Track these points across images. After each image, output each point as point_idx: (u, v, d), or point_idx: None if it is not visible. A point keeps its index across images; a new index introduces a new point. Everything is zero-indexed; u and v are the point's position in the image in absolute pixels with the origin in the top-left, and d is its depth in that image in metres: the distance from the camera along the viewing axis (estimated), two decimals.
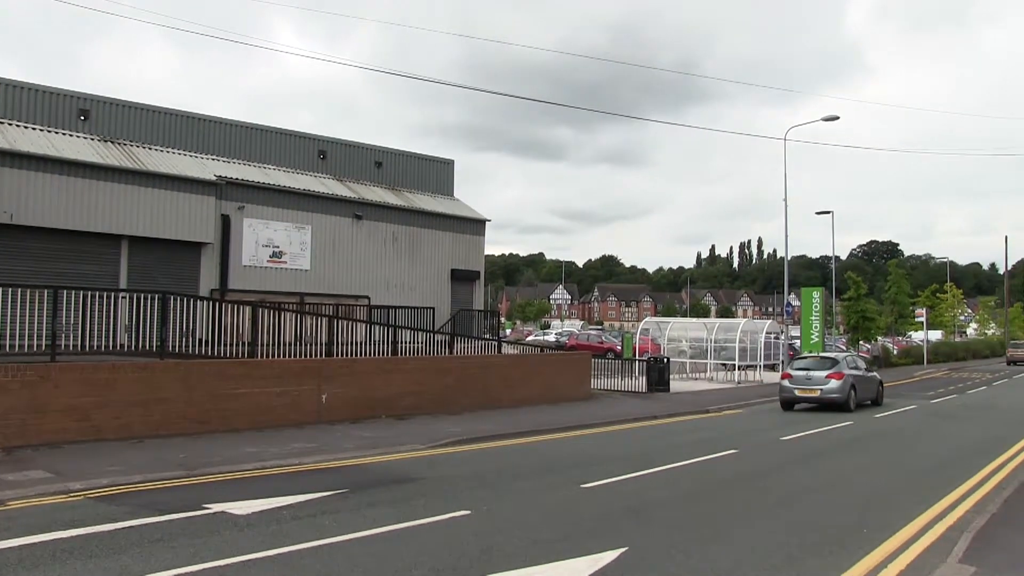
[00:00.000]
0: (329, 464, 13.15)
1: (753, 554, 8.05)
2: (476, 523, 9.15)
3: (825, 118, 35.99)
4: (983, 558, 7.68)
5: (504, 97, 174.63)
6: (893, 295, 61.14)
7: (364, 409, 18.51)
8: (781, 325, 40.69)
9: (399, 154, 31.95)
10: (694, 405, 24.53)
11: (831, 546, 8.42)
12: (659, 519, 9.56)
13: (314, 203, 26.64)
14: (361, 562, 7.49)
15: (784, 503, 10.83)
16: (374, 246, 28.34)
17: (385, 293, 28.04)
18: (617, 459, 14.21)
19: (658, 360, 29.47)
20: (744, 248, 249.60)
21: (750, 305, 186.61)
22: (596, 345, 48.30)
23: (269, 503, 9.82)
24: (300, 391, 17.45)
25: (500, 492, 11.10)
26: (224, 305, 19.11)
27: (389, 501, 10.26)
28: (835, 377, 24.30)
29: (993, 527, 9.00)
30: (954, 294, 77.93)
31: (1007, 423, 21.53)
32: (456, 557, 7.69)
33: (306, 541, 8.10)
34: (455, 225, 31.40)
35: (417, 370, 20.40)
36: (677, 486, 11.89)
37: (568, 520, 9.41)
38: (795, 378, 24.88)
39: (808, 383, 24.48)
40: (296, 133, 28.58)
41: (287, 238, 25.72)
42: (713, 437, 17.68)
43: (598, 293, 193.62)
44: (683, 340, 40.54)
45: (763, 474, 13.27)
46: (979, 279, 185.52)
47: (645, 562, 7.63)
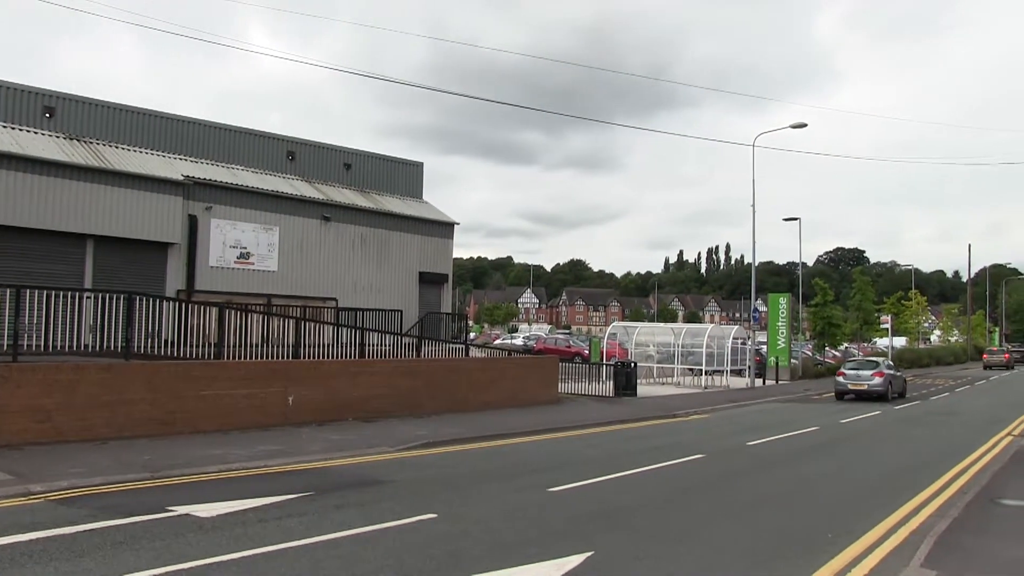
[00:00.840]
0: (295, 466, 13.08)
1: (719, 558, 8.11)
2: (443, 526, 9.15)
3: (793, 125, 36.36)
4: (944, 562, 7.80)
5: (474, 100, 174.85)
6: (858, 302, 61.87)
7: (331, 411, 18.42)
8: (748, 331, 40.94)
9: (368, 156, 31.86)
10: (661, 409, 24.65)
11: (796, 550, 8.50)
12: (626, 523, 9.61)
13: (282, 204, 26.50)
14: (327, 565, 7.47)
15: (750, 507, 10.92)
16: (342, 248, 28.23)
17: (353, 295, 27.94)
18: (584, 463, 14.26)
19: (625, 364, 29.59)
20: (712, 253, 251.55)
21: (717, 310, 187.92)
22: (564, 349, 48.37)
23: (234, 505, 9.75)
24: (267, 393, 17.34)
25: (467, 495, 11.09)
26: (191, 306, 18.97)
27: (356, 504, 10.23)
28: (878, 375, 31.41)
29: (954, 532, 9.14)
30: (918, 301, 78.93)
31: (969, 429, 21.85)
32: (423, 560, 7.69)
33: (272, 544, 8.06)
34: (423, 228, 31.36)
35: (384, 373, 20.33)
36: (644, 490, 11.95)
37: (535, 524, 9.43)
38: (848, 376, 31.81)
39: (858, 379, 31.36)
40: (265, 134, 28.43)
41: (255, 239, 25.56)
42: (680, 442, 17.78)
43: (566, 297, 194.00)
44: (650, 345, 40.72)
45: (729, 479, 13.37)
46: (943, 286, 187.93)
47: (611, 566, 7.67)
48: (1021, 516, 10.33)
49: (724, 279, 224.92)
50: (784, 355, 42.87)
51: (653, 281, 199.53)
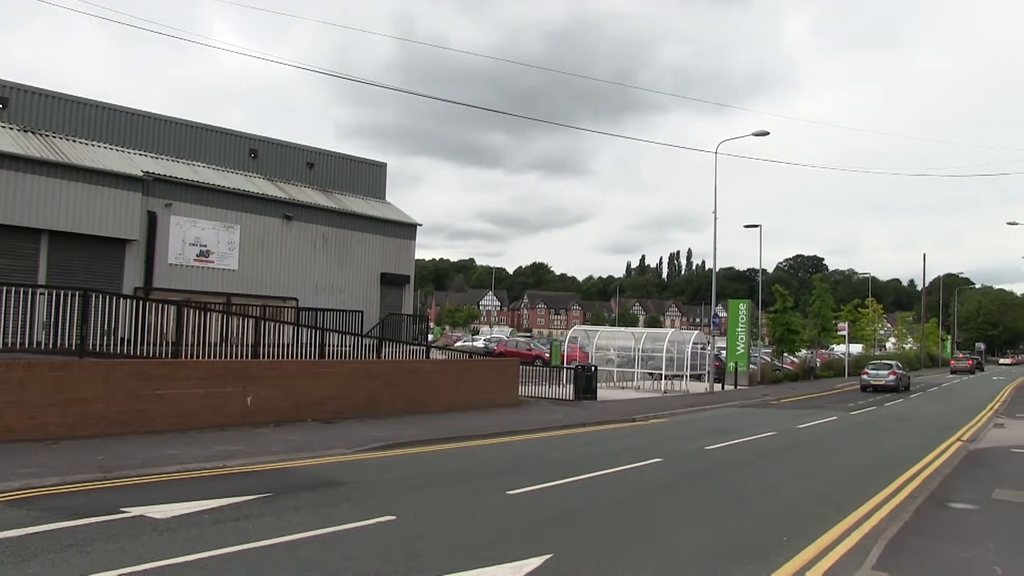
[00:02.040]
0: (253, 467, 12.96)
1: (676, 561, 8.17)
2: (401, 528, 9.12)
3: (756, 133, 36.69)
4: (895, 564, 7.95)
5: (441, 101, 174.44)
6: (817, 308, 62.60)
7: (290, 412, 18.29)
8: (708, 336, 41.29)
9: (331, 155, 31.68)
10: (621, 413, 24.75)
11: (752, 554, 8.59)
12: (584, 526, 9.64)
13: (244, 202, 26.25)
14: (285, 567, 7.41)
15: (708, 511, 11.01)
16: (304, 247, 28.03)
17: (314, 295, 27.76)
18: (543, 466, 14.28)
19: (586, 368, 29.68)
20: (673, 259, 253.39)
21: (678, 315, 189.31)
22: (524, 352, 48.41)
23: (190, 506, 9.64)
24: (225, 393, 17.16)
25: (426, 498, 11.07)
26: (148, 304, 18.72)
27: (314, 505, 10.16)
28: (892, 374, 43.51)
29: (905, 534, 9.33)
30: (875, 309, 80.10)
31: (921, 435, 22.19)
32: (381, 562, 7.65)
33: (228, 546, 7.98)
34: (386, 228, 31.23)
35: (344, 374, 20.22)
36: (603, 493, 12.00)
37: (494, 526, 9.43)
38: (870, 374, 43.93)
39: (878, 376, 43.39)
40: (227, 131, 28.15)
41: (215, 237, 25.29)
42: (639, 446, 17.87)
43: (528, 300, 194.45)
44: (611, 349, 40.89)
45: (687, 482, 13.47)
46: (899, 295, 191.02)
47: (570, 568, 7.69)
48: (968, 519, 10.54)
49: (685, 284, 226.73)
50: (743, 360, 43.27)
51: (615, 285, 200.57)
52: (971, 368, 78.58)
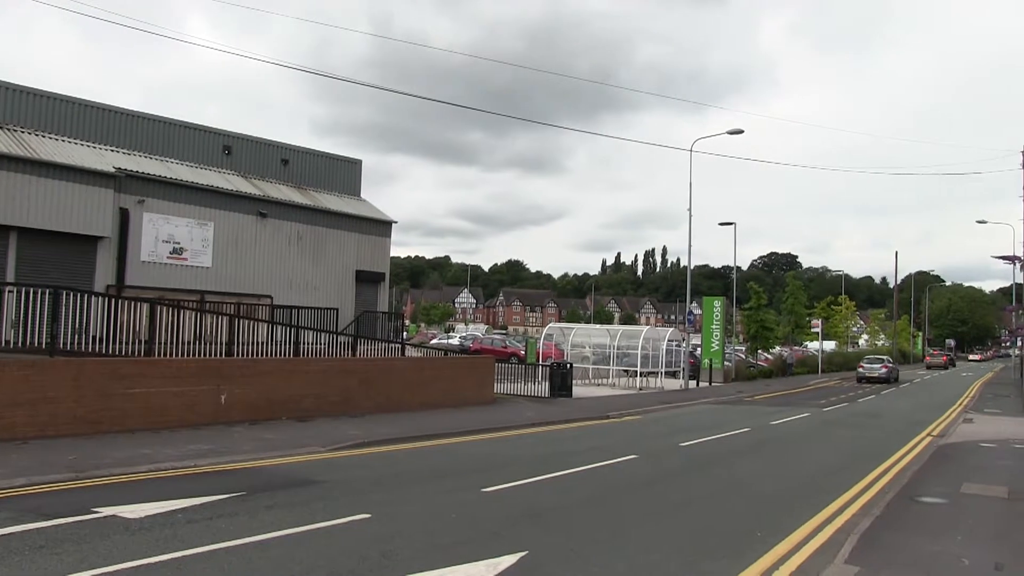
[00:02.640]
0: (227, 466, 12.89)
1: (651, 557, 8.21)
2: (376, 527, 9.10)
3: (731, 131, 36.83)
4: (866, 558, 8.04)
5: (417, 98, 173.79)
6: (790, 306, 63.13)
7: (264, 410, 18.20)
8: (683, 333, 41.44)
9: (306, 152, 31.53)
10: (596, 411, 24.82)
11: (726, 549, 8.65)
12: (559, 523, 9.66)
13: (218, 199, 26.06)
14: (258, 566, 7.38)
15: (682, 507, 11.07)
16: (278, 245, 27.88)
17: (288, 293, 27.62)
18: (518, 463, 14.30)
19: (561, 365, 29.74)
20: (648, 256, 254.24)
21: (653, 313, 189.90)
22: (500, 350, 48.46)
23: (163, 506, 9.57)
24: (198, 391, 17.05)
25: (401, 496, 11.05)
26: (120, 302, 18.55)
27: (288, 504, 10.12)
28: (884, 367, 50.49)
29: (876, 529, 9.45)
30: (848, 306, 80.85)
31: (892, 430, 22.42)
32: (356, 561, 7.64)
33: (201, 545, 7.94)
34: (361, 226, 31.11)
35: (319, 371, 20.15)
36: (578, 491, 12.03)
37: (469, 524, 9.44)
38: (865, 367, 50.83)
39: (871, 369, 50.20)
40: (201, 127, 27.92)
41: (188, 234, 25.10)
42: (614, 443, 17.93)
43: (503, 297, 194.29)
44: (586, 346, 41.01)
45: (662, 479, 13.54)
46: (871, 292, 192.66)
47: (544, 566, 7.71)
48: (938, 513, 10.69)
49: (660, 282, 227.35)
50: (718, 357, 43.50)
51: (590, 283, 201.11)
52: (945, 364, 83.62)
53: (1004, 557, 8.36)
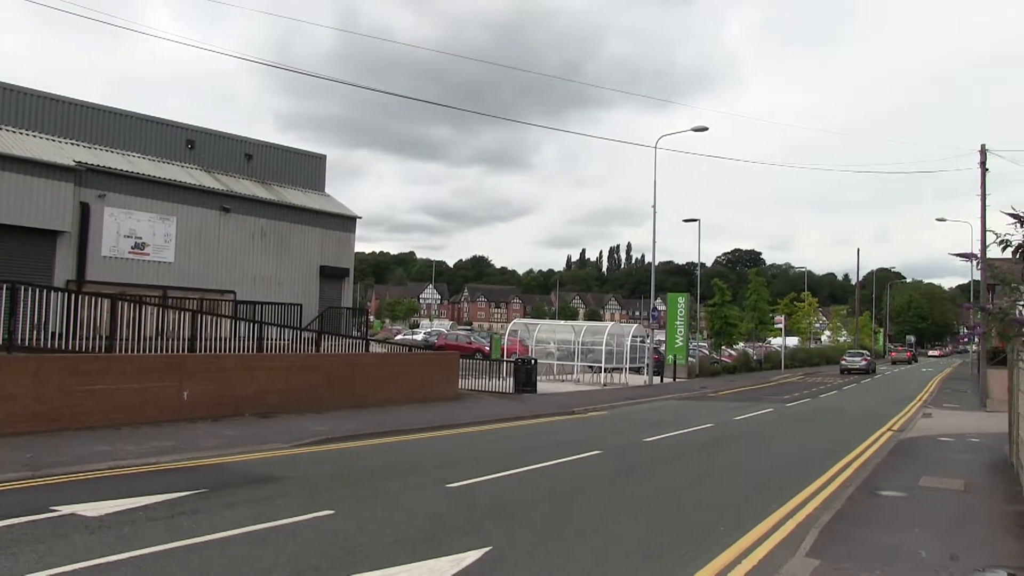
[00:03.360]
0: (189, 463, 12.79)
1: (614, 552, 8.26)
2: (339, 523, 9.07)
3: (695, 128, 36.97)
4: (827, 551, 8.16)
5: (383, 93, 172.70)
6: (754, 302, 63.72)
7: (228, 407, 18.06)
8: (647, 329, 41.65)
9: (270, 147, 31.29)
10: (560, 406, 24.90)
11: (689, 544, 8.72)
12: (523, 519, 9.69)
13: (180, 194, 25.78)
14: (219, 564, 7.33)
15: (646, 502, 11.14)
16: (242, 240, 27.65)
17: (252, 288, 27.41)
18: (482, 459, 14.32)
19: (526, 361, 29.79)
20: (613, 252, 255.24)
21: (618, 309, 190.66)
22: (465, 345, 48.45)
23: (123, 504, 9.47)
24: (160, 387, 16.89)
25: (364, 492, 11.03)
26: (81, 297, 18.32)
27: (250, 501, 10.06)
28: (864, 360, 58.35)
29: (837, 522, 9.60)
30: (810, 303, 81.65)
31: (853, 426, 22.71)
32: (318, 558, 7.61)
33: (162, 543, 7.86)
34: (325, 221, 30.94)
35: (283, 368, 20.03)
36: (542, 486, 12.07)
37: (433, 520, 9.43)
38: (847, 360, 58.56)
39: (853, 362, 58.03)
40: (163, 121, 27.60)
41: (151, 229, 24.81)
42: (578, 438, 17.99)
43: (468, 293, 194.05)
44: (551, 342, 41.08)
45: (626, 474, 13.61)
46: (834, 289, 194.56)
47: (508, 561, 7.73)
48: (897, 506, 10.86)
49: (625, 278, 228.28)
50: (682, 353, 43.80)
51: (555, 279, 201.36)
52: (909, 359, 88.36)
53: (959, 548, 8.52)
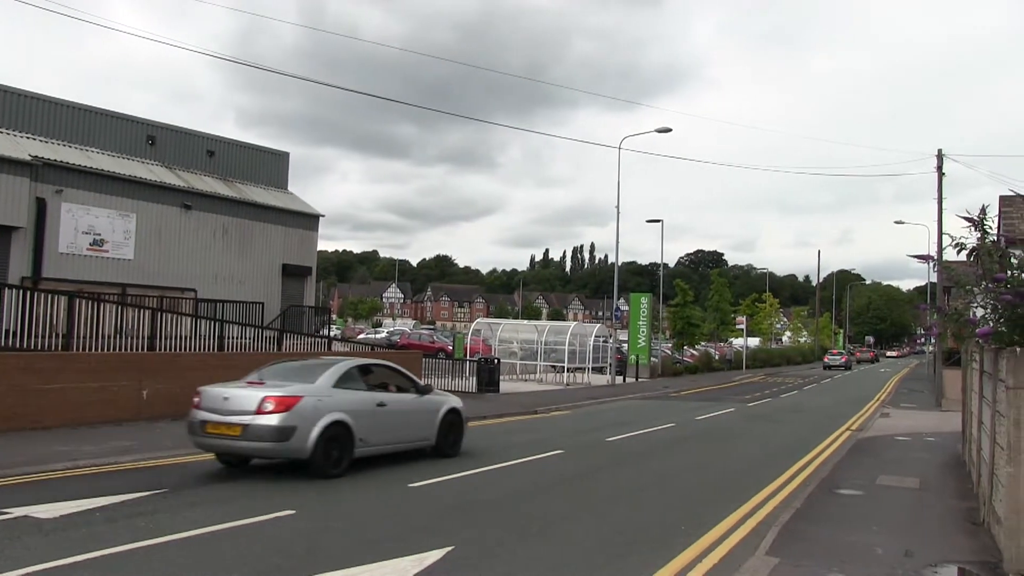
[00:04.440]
0: (149, 463, 12.65)
1: (576, 551, 8.29)
2: (301, 522, 9.02)
3: (659, 129, 37.16)
4: (787, 549, 8.24)
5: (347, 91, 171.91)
6: (716, 302, 64.24)
7: (188, 406, 17.71)
8: (610, 329, 41.89)
9: (232, 144, 31.03)
10: (523, 406, 24.93)
11: (651, 543, 8.77)
12: (486, 518, 9.70)
13: (140, 190, 25.48)
14: (180, 564, 7.25)
15: (608, 502, 11.18)
16: (203, 237, 27.39)
17: (213, 286, 27.16)
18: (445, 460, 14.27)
19: (489, 361, 29.79)
20: (577, 253, 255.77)
21: (581, 309, 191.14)
22: (427, 345, 48.32)
23: (80, 505, 9.33)
24: (119, 386, 16.68)
25: (326, 491, 10.96)
26: (36, 294, 18.02)
27: (211, 501, 9.97)
28: (844, 358, 70.32)
29: (797, 521, 9.70)
30: (771, 303, 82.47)
31: (813, 425, 22.97)
32: (280, 558, 7.56)
33: (120, 544, 7.74)
34: (288, 219, 30.75)
35: (244, 366, 19.76)
36: (504, 485, 12.08)
37: (395, 519, 9.42)
38: (830, 358, 69.12)
39: (835, 360, 68.49)
40: (123, 116, 27.26)
41: (110, 226, 24.50)
42: (541, 438, 18.03)
43: (431, 293, 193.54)
44: (514, 341, 41.13)
45: (588, 474, 13.66)
46: (795, 290, 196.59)
47: (471, 561, 7.73)
48: (856, 504, 11.02)
49: (588, 278, 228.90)
50: (644, 353, 44.04)
51: (518, 279, 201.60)
52: (872, 359, 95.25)
53: (913, 544, 8.67)
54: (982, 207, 9.33)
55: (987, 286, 8.96)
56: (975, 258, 9.26)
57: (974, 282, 9.49)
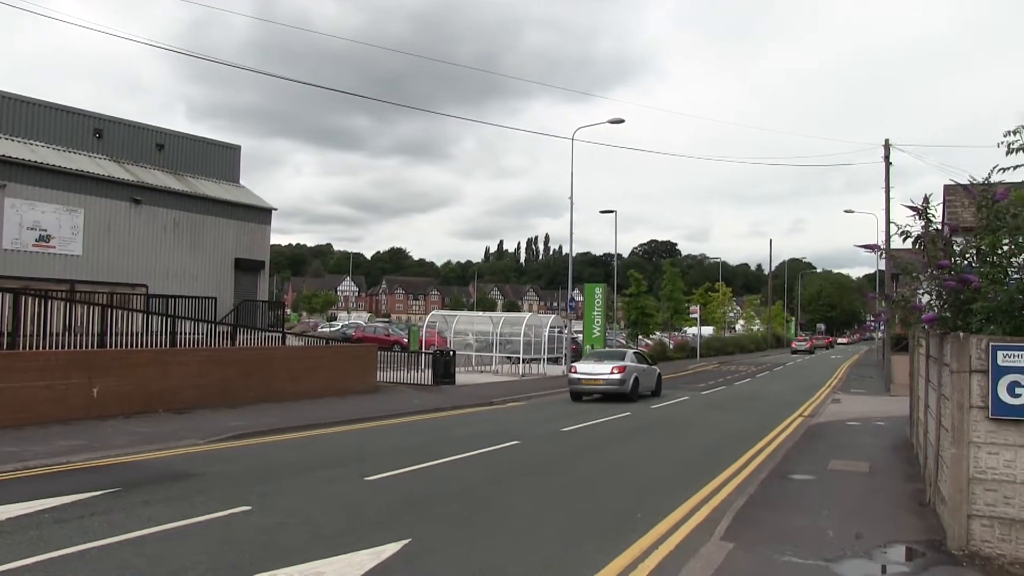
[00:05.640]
0: (100, 462, 12.47)
1: (534, 542, 8.33)
2: (257, 519, 8.97)
3: (611, 120, 37.28)
4: (741, 535, 8.38)
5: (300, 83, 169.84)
6: (669, 292, 64.71)
7: (140, 403, 17.65)
8: (565, 320, 41.98)
9: (183, 137, 30.62)
10: (478, 398, 24.97)
11: (607, 531, 8.84)
12: (442, 510, 9.71)
13: (88, 185, 25.06)
14: (133, 564, 7.17)
15: (564, 491, 11.25)
16: (153, 232, 27.01)
17: (164, 282, 26.81)
18: (401, 451, 14.28)
19: (444, 353, 29.78)
20: (531, 244, 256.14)
21: (536, 300, 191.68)
22: (383, 338, 48.14)
23: (29, 506, 9.16)
24: (68, 384, 16.40)
25: (282, 487, 10.91)
26: None
27: (165, 499, 9.86)
28: (808, 344, 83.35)
29: (751, 507, 9.87)
30: (725, 292, 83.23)
31: (766, 412, 23.29)
32: (236, 554, 7.51)
33: (71, 545, 7.62)
34: (240, 213, 30.43)
35: (197, 362, 19.65)
36: (461, 478, 12.10)
37: (351, 513, 9.39)
38: (797, 344, 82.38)
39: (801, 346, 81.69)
40: (69, 109, 26.77)
41: (56, 221, 24.06)
42: (496, 429, 18.08)
43: (386, 285, 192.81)
44: (469, 333, 41.12)
45: (544, 464, 13.73)
46: (748, 279, 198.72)
47: (428, 553, 7.75)
48: (808, 489, 11.22)
49: (543, 269, 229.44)
50: (600, 343, 44.19)
51: (473, 270, 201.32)
52: (828, 344, 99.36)
53: (863, 527, 8.86)
54: (925, 196, 9.54)
55: (932, 273, 9.17)
56: (920, 246, 9.46)
57: (920, 269, 9.70)
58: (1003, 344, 7.37)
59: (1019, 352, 7.29)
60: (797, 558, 7.59)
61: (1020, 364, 7.27)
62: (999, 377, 7.34)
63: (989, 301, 8.20)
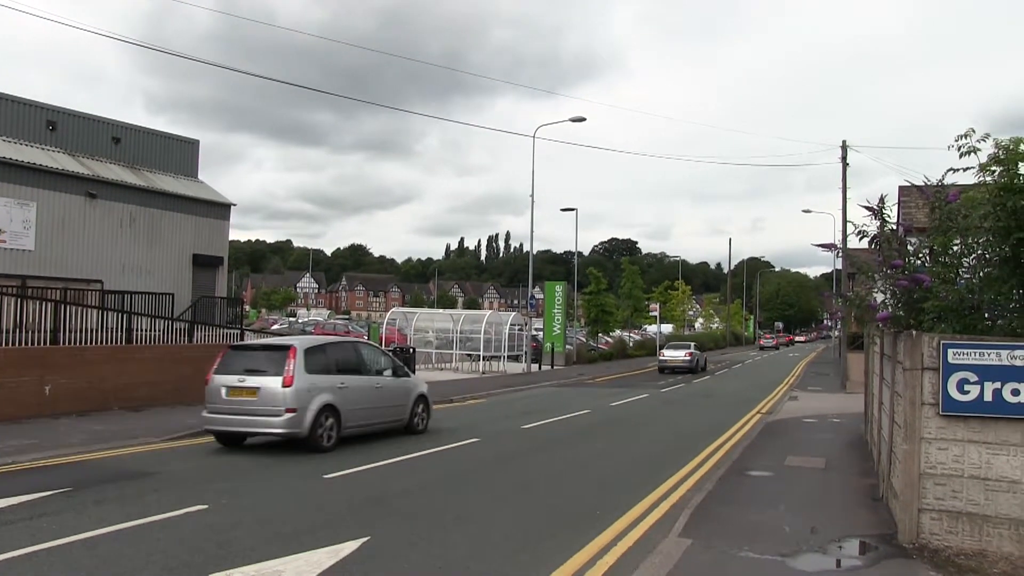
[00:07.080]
0: (51, 461, 12.26)
1: (492, 539, 8.33)
2: (213, 517, 8.87)
3: (573, 119, 37.46)
4: (699, 531, 8.44)
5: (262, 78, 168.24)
6: (628, 290, 65.07)
7: (94, 401, 17.40)
8: (525, 317, 42.08)
9: (140, 131, 30.16)
10: (439, 395, 24.81)
11: (567, 528, 8.86)
12: (402, 508, 9.67)
13: (41, 178, 24.58)
14: (84, 565, 7.05)
15: (524, 489, 11.26)
16: (109, 227, 26.59)
17: (120, 277, 26.40)
18: (359, 448, 14.20)
19: (404, 350, 29.66)
20: (492, 241, 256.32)
21: (496, 297, 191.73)
22: (342, 335, 47.88)
23: None
24: (18, 382, 16.12)
25: (238, 485, 10.80)
26: None
27: (118, 498, 9.72)
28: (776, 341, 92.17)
29: (708, 503, 9.95)
30: (684, 291, 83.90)
31: (725, 409, 23.48)
32: (191, 554, 7.42)
33: (18, 548, 7.46)
34: (198, 208, 30.04)
35: (154, 359, 19.42)
36: (421, 475, 12.06)
37: (310, 511, 9.33)
38: (764, 342, 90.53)
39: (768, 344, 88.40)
40: (21, 100, 26.22)
41: (7, 215, 23.59)
42: (457, 426, 18.05)
43: (346, 282, 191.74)
44: (430, 331, 41.05)
45: (504, 461, 13.73)
46: (707, 277, 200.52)
47: (386, 551, 7.71)
48: (765, 485, 11.34)
49: (504, 267, 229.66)
50: (560, 341, 44.38)
51: (434, 268, 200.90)
52: (789, 342, 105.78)
53: (819, 521, 8.96)
54: (881, 197, 9.68)
55: (886, 272, 9.30)
56: (876, 245, 9.60)
57: (875, 269, 9.84)
58: (953, 342, 7.52)
59: (968, 350, 7.45)
60: (754, 553, 7.67)
61: (969, 362, 7.43)
62: (949, 374, 7.49)
63: (940, 300, 8.34)
